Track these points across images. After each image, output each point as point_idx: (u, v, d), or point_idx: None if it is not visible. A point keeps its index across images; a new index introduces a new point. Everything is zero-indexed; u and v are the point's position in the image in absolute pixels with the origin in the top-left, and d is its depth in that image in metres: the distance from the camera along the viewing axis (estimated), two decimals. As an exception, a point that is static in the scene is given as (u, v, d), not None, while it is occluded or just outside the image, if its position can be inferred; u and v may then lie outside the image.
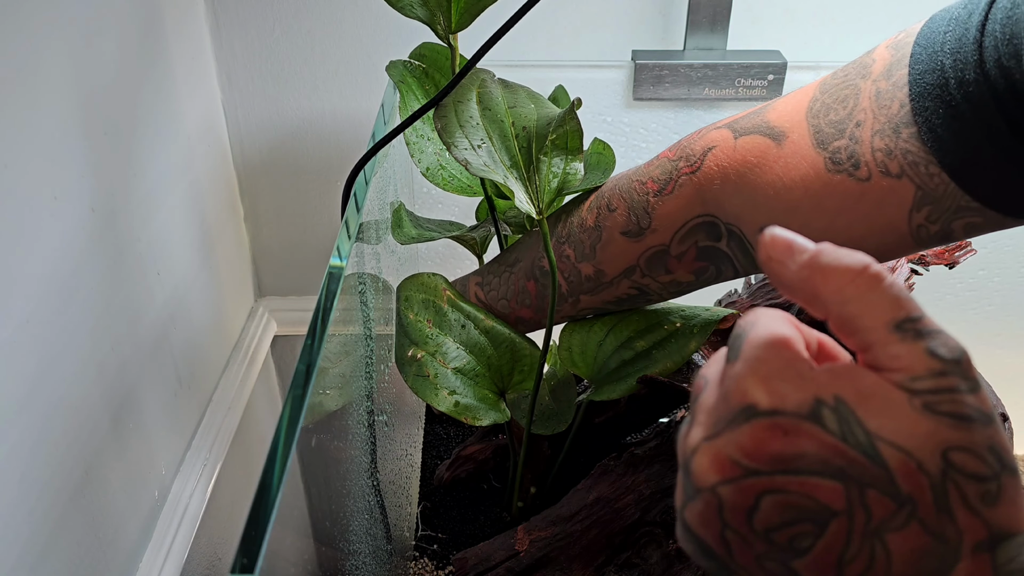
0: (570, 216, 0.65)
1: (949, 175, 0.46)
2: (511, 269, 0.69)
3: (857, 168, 0.49)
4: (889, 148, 0.48)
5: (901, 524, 0.28)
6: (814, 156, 0.51)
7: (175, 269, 0.81)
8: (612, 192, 0.62)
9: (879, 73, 0.49)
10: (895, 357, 0.29)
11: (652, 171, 0.60)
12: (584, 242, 0.63)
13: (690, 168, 0.57)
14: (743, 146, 0.54)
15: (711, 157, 0.56)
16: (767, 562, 0.30)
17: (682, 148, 0.59)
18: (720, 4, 0.87)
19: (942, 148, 0.46)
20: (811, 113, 0.51)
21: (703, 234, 0.58)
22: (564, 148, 0.60)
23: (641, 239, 0.60)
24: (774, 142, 0.53)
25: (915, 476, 0.28)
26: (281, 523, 0.37)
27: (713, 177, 0.56)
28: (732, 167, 0.55)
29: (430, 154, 0.71)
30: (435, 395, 0.63)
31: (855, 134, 0.49)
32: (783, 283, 0.31)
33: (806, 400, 0.29)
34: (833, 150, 0.50)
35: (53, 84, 0.59)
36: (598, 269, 0.63)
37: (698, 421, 0.32)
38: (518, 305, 0.69)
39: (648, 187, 0.59)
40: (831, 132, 0.50)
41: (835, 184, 0.50)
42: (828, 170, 0.50)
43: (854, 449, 0.28)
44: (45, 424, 0.59)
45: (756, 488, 0.29)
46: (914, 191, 0.48)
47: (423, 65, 0.70)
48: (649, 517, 0.63)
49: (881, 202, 0.49)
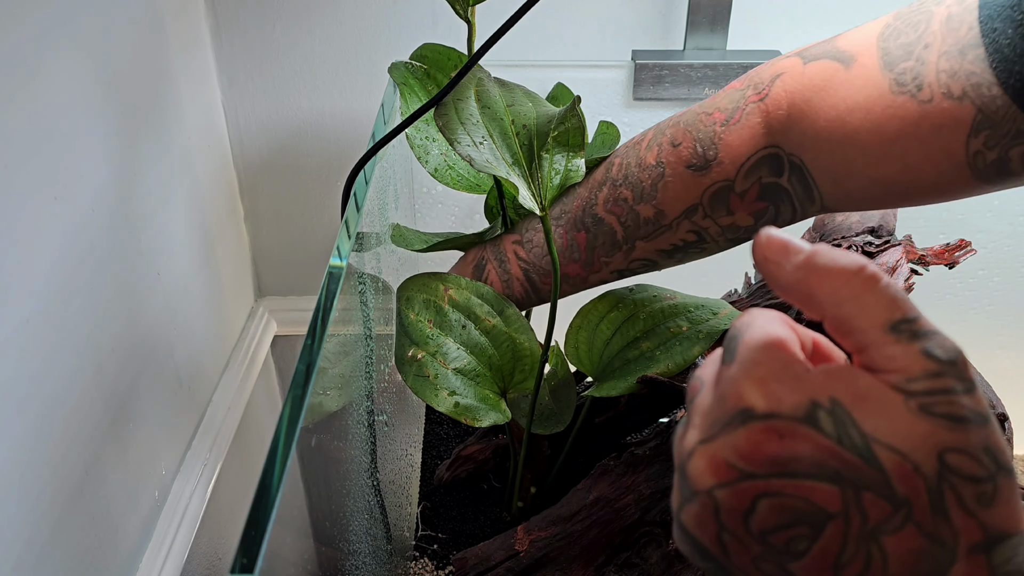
0: (624, 158, 0.64)
1: (1011, 96, 0.47)
2: (556, 222, 0.66)
3: (920, 89, 0.50)
4: (954, 69, 0.48)
5: (897, 526, 0.28)
6: (879, 78, 0.51)
7: (175, 269, 0.81)
8: (675, 128, 0.62)
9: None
10: (891, 358, 0.29)
11: (719, 102, 0.60)
12: (644, 181, 0.62)
13: (758, 96, 0.58)
14: (811, 70, 0.55)
15: (779, 83, 0.57)
16: (763, 564, 0.30)
17: (750, 78, 0.59)
18: (720, 4, 0.87)
19: (1007, 68, 0.46)
20: (882, 37, 0.52)
21: (766, 169, 0.58)
22: (566, 145, 0.60)
23: (707, 172, 0.59)
24: (842, 65, 0.53)
25: (911, 478, 0.28)
26: (281, 523, 0.37)
27: (780, 103, 0.56)
28: (799, 92, 0.55)
29: (436, 155, 0.71)
30: (435, 396, 0.63)
31: (922, 56, 0.50)
32: (779, 284, 0.31)
33: (802, 403, 0.29)
34: (899, 72, 0.50)
35: (53, 84, 0.59)
36: (659, 210, 0.62)
37: (694, 423, 0.32)
38: (566, 260, 0.66)
39: (715, 117, 0.59)
40: (899, 54, 0.51)
41: (897, 106, 0.50)
42: (892, 91, 0.51)
43: (850, 452, 0.28)
44: (45, 424, 0.59)
45: (752, 491, 0.29)
46: (974, 114, 0.48)
47: (424, 66, 0.70)
48: (649, 517, 0.63)
49: (940, 126, 0.49)
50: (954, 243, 0.68)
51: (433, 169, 0.70)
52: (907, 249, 0.67)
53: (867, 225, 0.69)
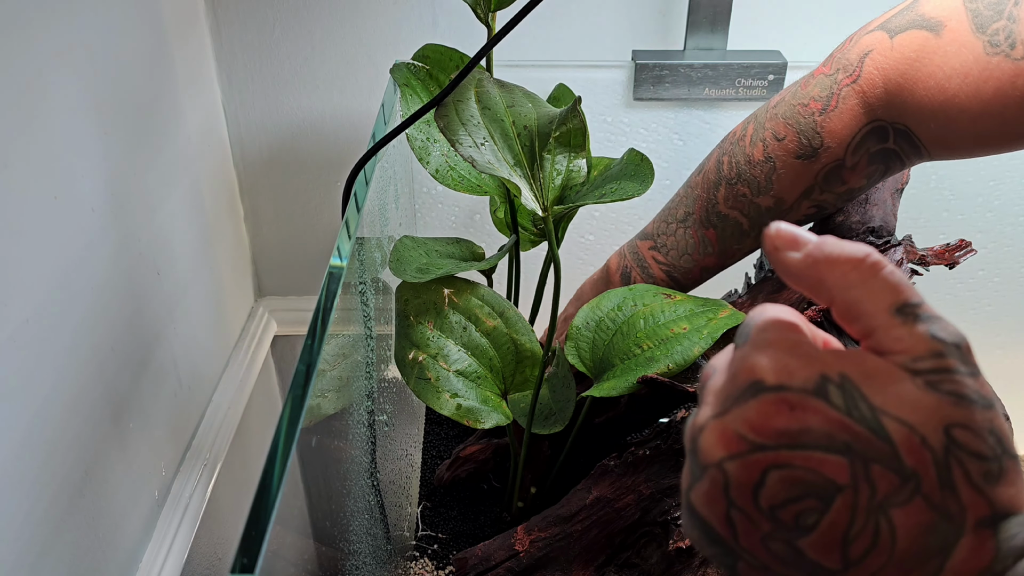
0: (731, 156, 0.67)
1: None
2: (683, 224, 0.71)
3: (1013, 47, 0.50)
4: None
5: (906, 499, 0.28)
6: (973, 41, 0.52)
7: (175, 269, 0.81)
8: (774, 121, 0.63)
9: None
10: (897, 339, 0.29)
11: (811, 91, 0.61)
12: (757, 176, 0.65)
13: (850, 78, 0.59)
14: (901, 43, 0.56)
15: (869, 61, 0.57)
16: (772, 542, 0.30)
17: (837, 60, 0.60)
18: (720, 4, 0.87)
19: None
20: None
21: (873, 140, 0.60)
22: (567, 145, 0.60)
23: (816, 159, 0.62)
24: (932, 33, 0.54)
25: (919, 451, 0.28)
26: (281, 523, 0.37)
27: (875, 81, 0.57)
28: (892, 67, 0.56)
29: (438, 156, 0.70)
30: (437, 398, 0.63)
31: (1013, 13, 0.50)
32: (789, 272, 0.32)
33: (812, 376, 0.29)
34: (992, 32, 0.51)
35: (53, 85, 0.59)
36: (778, 198, 0.65)
37: (706, 403, 0.32)
38: (701, 256, 0.71)
39: (812, 107, 0.61)
40: (990, 15, 0.51)
41: (993, 67, 0.51)
42: (986, 53, 0.51)
43: (859, 424, 0.28)
44: (45, 424, 0.59)
45: (762, 463, 0.29)
46: None
47: (427, 67, 0.70)
48: (649, 517, 0.63)
49: None
50: (954, 243, 0.68)
51: (434, 170, 0.70)
52: (907, 249, 0.67)
53: (868, 225, 0.69)
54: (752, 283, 0.76)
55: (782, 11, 0.90)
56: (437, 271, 0.65)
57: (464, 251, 0.73)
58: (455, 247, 0.73)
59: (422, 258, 0.68)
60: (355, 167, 0.59)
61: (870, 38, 0.58)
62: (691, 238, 0.71)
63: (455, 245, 0.73)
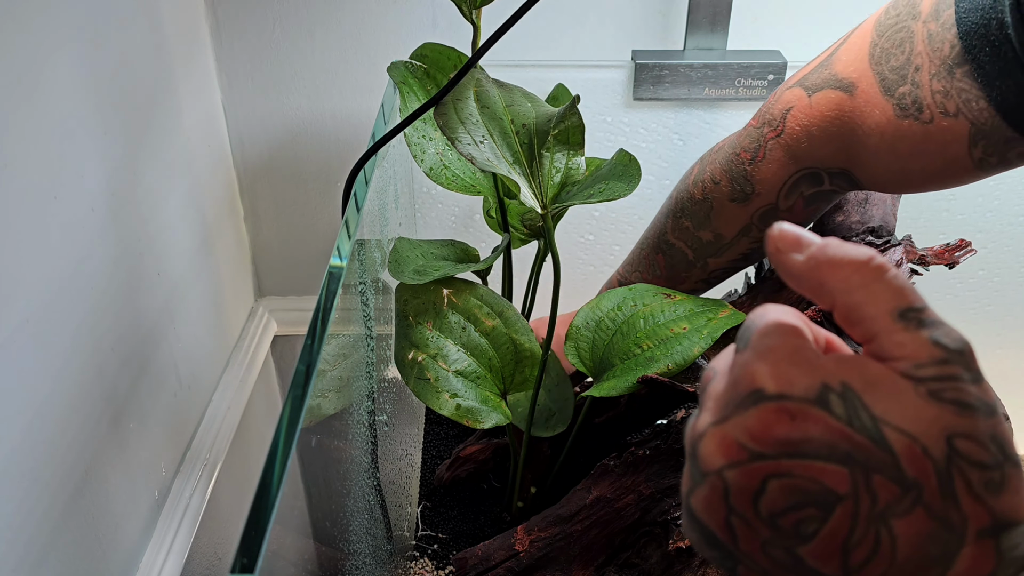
0: (679, 193, 0.71)
1: (996, 109, 0.50)
2: (642, 245, 0.77)
3: (921, 112, 0.53)
4: (946, 89, 0.51)
5: (907, 509, 0.28)
6: (884, 103, 0.54)
7: (175, 269, 0.81)
8: (713, 166, 0.67)
9: (928, 14, 0.52)
10: (899, 345, 0.29)
11: (743, 141, 0.65)
12: (698, 213, 0.69)
13: (774, 132, 0.62)
14: (818, 101, 0.58)
15: (791, 118, 0.60)
16: (772, 549, 0.30)
17: (763, 115, 0.63)
18: (720, 4, 0.87)
19: (989, 84, 0.49)
20: (874, 60, 0.55)
21: (806, 184, 0.62)
22: (566, 143, 0.60)
23: (749, 202, 0.65)
24: (846, 94, 0.57)
25: (920, 461, 0.28)
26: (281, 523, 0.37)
27: (798, 136, 0.60)
28: (813, 123, 0.59)
29: (432, 154, 0.70)
30: (437, 398, 0.63)
31: (915, 79, 0.52)
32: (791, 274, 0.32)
33: (813, 385, 0.29)
34: (899, 96, 0.53)
35: (53, 85, 0.59)
36: (717, 233, 0.69)
37: (706, 408, 0.32)
38: (650, 276, 0.76)
39: (742, 157, 0.65)
40: (895, 79, 0.54)
41: (904, 129, 0.54)
42: (897, 116, 0.54)
43: (860, 433, 0.28)
44: (45, 424, 0.59)
45: (762, 472, 0.29)
46: (969, 128, 0.52)
47: (424, 66, 0.70)
48: (649, 517, 0.63)
49: (945, 142, 0.53)
50: (954, 243, 0.68)
51: (428, 168, 0.70)
52: (907, 249, 0.67)
53: (868, 225, 0.69)
54: (752, 283, 0.76)
55: (782, 11, 0.90)
56: (434, 273, 0.65)
57: (458, 253, 0.73)
58: (449, 249, 0.73)
59: (419, 260, 0.68)
60: (355, 167, 0.59)
61: (790, 95, 0.61)
62: (644, 259, 0.76)
63: (449, 247, 0.73)
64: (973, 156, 0.52)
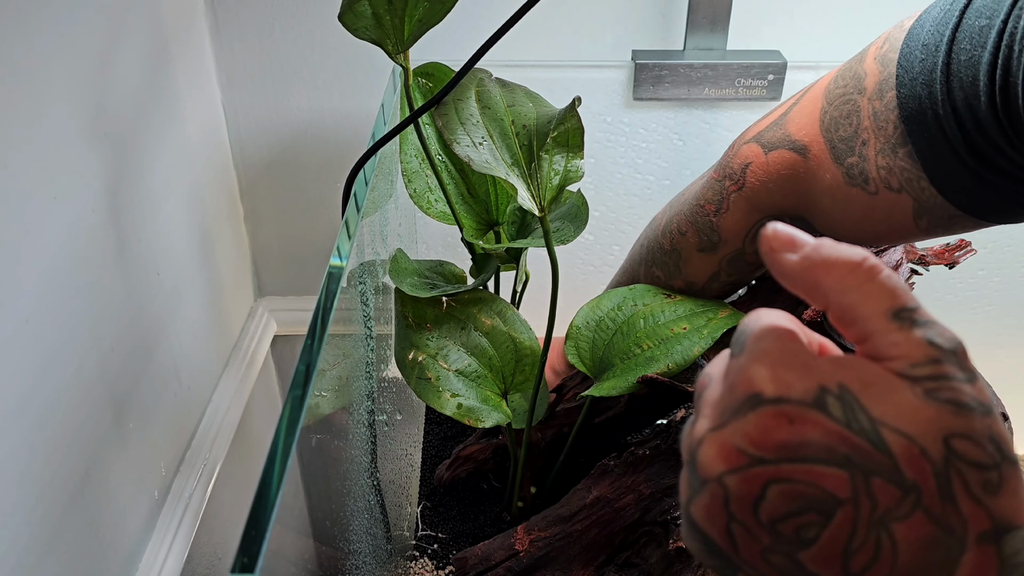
0: (650, 242, 0.74)
1: (937, 189, 0.51)
2: (619, 279, 0.79)
3: (867, 183, 0.54)
4: (890, 166, 0.53)
5: (906, 513, 0.28)
6: (835, 169, 0.56)
7: (175, 269, 0.81)
8: (680, 218, 0.69)
9: (872, 91, 0.54)
10: (894, 344, 0.29)
11: (706, 193, 0.67)
12: (668, 263, 0.72)
13: (736, 186, 0.63)
14: (774, 160, 0.60)
15: (750, 173, 0.62)
16: (773, 556, 0.29)
17: (723, 168, 0.65)
18: (720, 4, 0.87)
19: (928, 166, 0.51)
20: (824, 127, 0.57)
21: None
22: (565, 145, 0.60)
23: (716, 251, 0.68)
24: (800, 156, 0.59)
25: (919, 462, 0.28)
26: (281, 523, 0.37)
27: (758, 190, 0.62)
28: (770, 178, 0.61)
29: (422, 182, 0.72)
30: (438, 398, 0.63)
31: (862, 152, 0.54)
32: (785, 274, 0.32)
33: (810, 388, 0.29)
34: (848, 165, 0.55)
35: (53, 85, 0.59)
36: (688, 281, 0.71)
37: (703, 414, 0.32)
38: None
39: (706, 209, 0.66)
40: (843, 148, 0.55)
41: (853, 196, 0.55)
42: (846, 183, 0.56)
43: (859, 436, 0.28)
44: (45, 424, 0.59)
45: (762, 477, 0.29)
46: (912, 203, 0.53)
47: (430, 84, 0.71)
48: (649, 517, 0.63)
49: (891, 211, 0.55)
50: (954, 243, 0.68)
51: (413, 191, 0.71)
52: (907, 249, 0.67)
53: (867, 225, 0.69)
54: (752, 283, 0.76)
55: (782, 11, 0.89)
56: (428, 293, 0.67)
57: (447, 274, 0.74)
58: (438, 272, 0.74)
59: (414, 276, 0.70)
60: (355, 167, 0.59)
61: (748, 150, 0.63)
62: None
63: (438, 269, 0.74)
64: (919, 226, 0.54)
